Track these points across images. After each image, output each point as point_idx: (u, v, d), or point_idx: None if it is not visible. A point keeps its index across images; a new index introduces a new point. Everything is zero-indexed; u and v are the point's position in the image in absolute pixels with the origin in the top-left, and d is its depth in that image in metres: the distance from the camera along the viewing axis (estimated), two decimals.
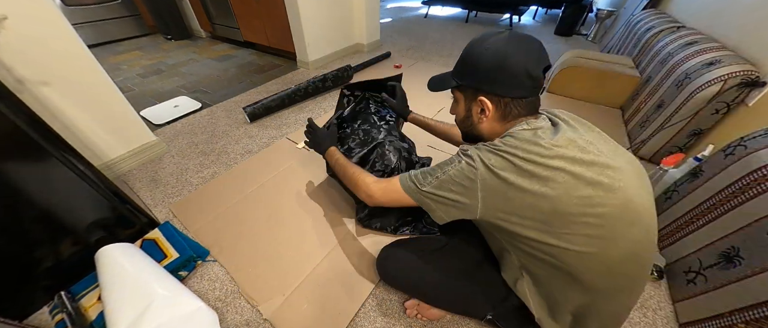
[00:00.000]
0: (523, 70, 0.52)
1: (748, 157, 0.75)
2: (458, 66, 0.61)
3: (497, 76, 0.54)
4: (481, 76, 0.56)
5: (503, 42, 0.53)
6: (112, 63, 2.56)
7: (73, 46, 1.07)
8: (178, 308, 0.76)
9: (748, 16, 1.27)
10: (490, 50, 0.53)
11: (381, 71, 2.34)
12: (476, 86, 0.58)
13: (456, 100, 0.65)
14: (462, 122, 0.66)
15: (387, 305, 0.88)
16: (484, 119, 0.59)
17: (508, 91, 0.54)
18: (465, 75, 0.59)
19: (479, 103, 0.58)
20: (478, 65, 0.56)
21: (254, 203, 1.20)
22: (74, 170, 0.83)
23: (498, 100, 0.56)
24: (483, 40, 0.56)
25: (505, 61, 0.52)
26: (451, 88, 0.64)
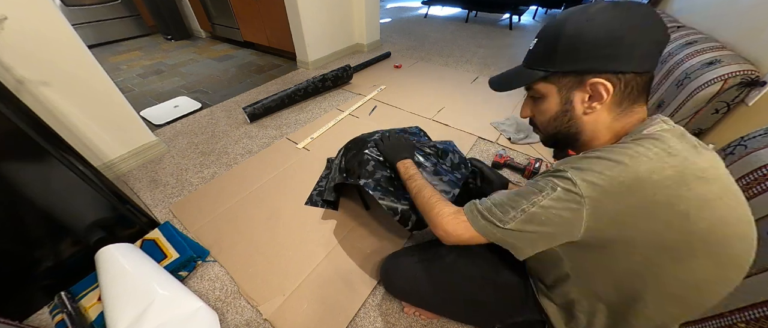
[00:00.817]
0: (649, 34, 0.41)
1: (747, 156, 0.75)
2: (544, 51, 0.48)
3: (617, 47, 0.41)
4: (590, 53, 0.43)
5: (610, 8, 0.42)
6: (112, 63, 2.56)
7: (73, 47, 1.07)
8: (178, 308, 0.76)
9: (748, 15, 1.27)
10: (598, 21, 0.42)
11: (381, 71, 2.34)
12: (584, 68, 0.44)
13: (540, 96, 0.51)
14: (553, 120, 0.51)
15: (387, 305, 0.88)
16: (596, 108, 0.46)
17: (632, 65, 0.42)
18: (562, 58, 0.46)
19: (588, 88, 0.45)
20: (584, 40, 0.43)
21: (254, 203, 1.20)
22: (74, 170, 0.83)
23: (617, 78, 0.43)
24: (578, 12, 0.44)
25: (622, 30, 0.41)
26: (534, 83, 0.50)
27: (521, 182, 1.26)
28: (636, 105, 0.46)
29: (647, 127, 0.43)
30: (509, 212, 0.48)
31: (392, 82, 2.16)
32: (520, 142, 1.49)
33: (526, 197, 0.46)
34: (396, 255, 0.83)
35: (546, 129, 0.54)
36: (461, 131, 1.60)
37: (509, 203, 0.48)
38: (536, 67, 0.49)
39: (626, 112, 0.46)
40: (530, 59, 0.51)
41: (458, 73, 2.30)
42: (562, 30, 0.45)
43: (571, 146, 0.54)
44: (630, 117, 0.46)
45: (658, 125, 0.43)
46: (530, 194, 0.46)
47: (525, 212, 0.46)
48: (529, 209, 0.45)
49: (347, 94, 2.01)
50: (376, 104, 1.87)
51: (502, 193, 0.52)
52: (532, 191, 0.46)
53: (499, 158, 1.33)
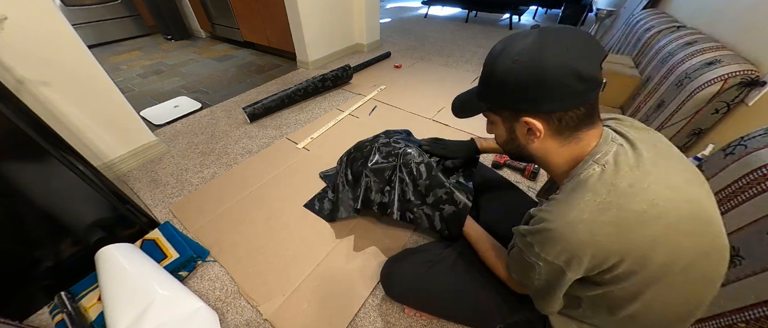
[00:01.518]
0: (571, 73, 0.40)
1: (748, 156, 0.75)
2: (484, 85, 0.50)
3: (538, 91, 0.42)
4: (516, 95, 0.44)
5: (535, 47, 0.41)
6: (112, 63, 2.56)
7: (73, 47, 1.07)
8: (178, 308, 0.76)
9: (748, 15, 1.27)
10: (521, 62, 0.42)
11: (381, 71, 2.34)
12: (513, 107, 0.46)
13: (491, 122, 0.54)
14: (506, 144, 0.54)
15: (387, 305, 0.88)
16: (535, 140, 0.47)
17: (557, 106, 0.42)
18: (496, 96, 0.48)
19: (523, 124, 0.46)
20: (509, 83, 0.44)
21: (254, 203, 1.20)
22: (74, 170, 0.83)
23: (548, 116, 0.44)
24: (506, 49, 0.44)
25: (544, 72, 0.40)
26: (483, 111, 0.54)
27: (521, 183, 1.26)
28: (580, 132, 0.45)
29: (582, 170, 0.44)
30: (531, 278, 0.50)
31: (392, 82, 2.16)
32: None
33: (529, 269, 0.49)
34: (396, 259, 0.83)
35: (505, 150, 0.57)
36: (461, 131, 1.60)
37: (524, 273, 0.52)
38: (481, 99, 0.53)
39: (571, 139, 0.46)
40: (478, 88, 0.53)
41: (458, 73, 2.30)
42: (492, 69, 0.46)
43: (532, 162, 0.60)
44: (577, 143, 0.46)
45: (590, 168, 0.44)
46: (530, 267, 0.49)
47: (539, 280, 0.49)
48: (540, 277, 0.48)
49: (347, 94, 2.01)
50: (376, 104, 1.87)
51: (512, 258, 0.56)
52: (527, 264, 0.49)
53: (499, 158, 1.33)
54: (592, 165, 0.44)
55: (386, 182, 0.95)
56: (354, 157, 1.07)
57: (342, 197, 1.06)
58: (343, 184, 1.07)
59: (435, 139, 1.04)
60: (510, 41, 0.45)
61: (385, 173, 0.95)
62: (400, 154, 0.94)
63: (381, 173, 0.96)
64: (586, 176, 0.43)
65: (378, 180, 0.96)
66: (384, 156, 0.98)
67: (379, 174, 0.96)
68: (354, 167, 1.06)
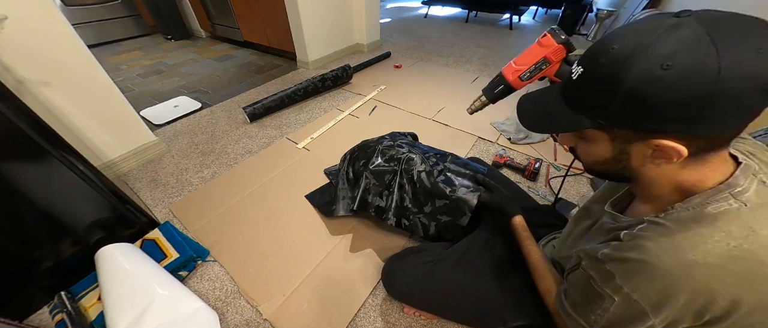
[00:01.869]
0: (758, 86, 0.28)
1: None
2: (595, 97, 0.35)
3: (703, 109, 0.29)
4: (665, 115, 0.31)
5: (700, 45, 0.28)
6: (112, 63, 2.56)
7: (73, 47, 1.07)
8: (178, 308, 0.76)
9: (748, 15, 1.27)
10: (680, 68, 0.28)
11: (381, 71, 2.34)
12: (649, 128, 0.33)
13: (588, 139, 0.40)
14: (601, 165, 0.42)
15: (387, 305, 0.88)
16: (660, 165, 0.36)
17: (720, 126, 0.31)
18: (618, 113, 0.34)
19: (652, 146, 0.34)
20: (653, 99, 0.30)
21: (254, 203, 1.20)
22: (74, 170, 0.83)
23: (696, 138, 0.32)
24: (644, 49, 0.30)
25: (719, 84, 0.27)
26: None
27: (521, 183, 1.26)
28: (711, 156, 0.35)
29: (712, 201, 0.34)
30: (590, 316, 0.42)
31: (392, 82, 2.16)
32: (520, 142, 1.49)
33: (595, 300, 0.41)
34: (397, 258, 0.83)
35: (589, 166, 0.44)
36: (461, 131, 1.60)
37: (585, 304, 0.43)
38: (582, 113, 0.37)
39: (698, 164, 0.35)
40: (574, 97, 0.38)
41: (458, 73, 2.30)
42: (622, 78, 0.31)
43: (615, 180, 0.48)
44: (702, 171, 0.36)
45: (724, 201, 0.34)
46: (596, 298, 0.40)
47: (603, 318, 0.40)
48: (605, 315, 0.40)
49: (347, 94, 2.01)
50: (376, 104, 1.87)
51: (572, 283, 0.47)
52: (595, 295, 0.40)
53: (499, 158, 1.33)
54: (728, 199, 0.34)
55: (385, 187, 0.96)
56: (356, 157, 1.08)
57: (341, 194, 1.06)
58: (344, 181, 1.08)
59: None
60: (646, 37, 0.30)
61: (385, 176, 0.95)
62: (403, 159, 0.94)
63: (381, 176, 0.96)
64: (718, 210, 0.34)
65: (377, 183, 0.96)
66: (387, 159, 0.97)
67: (379, 177, 0.96)
68: (356, 166, 1.06)
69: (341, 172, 1.11)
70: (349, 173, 1.08)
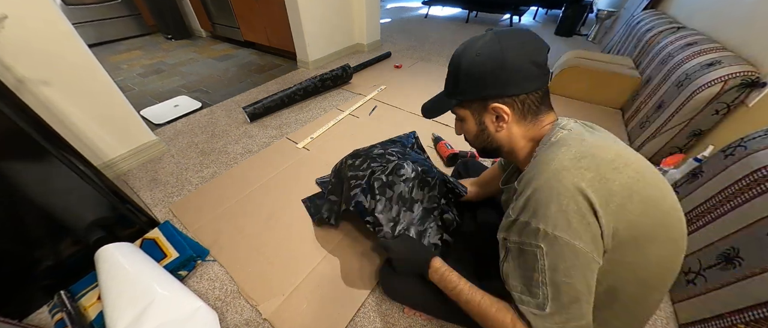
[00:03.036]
0: (527, 60, 0.48)
1: (747, 157, 0.75)
2: (452, 82, 0.56)
3: (502, 76, 0.48)
4: (484, 82, 0.50)
5: (493, 41, 0.49)
6: (113, 62, 2.56)
7: (74, 46, 1.07)
8: (177, 307, 0.76)
9: (748, 16, 1.27)
10: (484, 54, 0.49)
11: (381, 71, 2.34)
12: (482, 95, 0.52)
13: (461, 119, 0.59)
14: (476, 138, 0.59)
15: (386, 305, 0.88)
16: (504, 126, 0.53)
17: (519, 88, 0.49)
18: (464, 89, 0.54)
19: (492, 111, 0.52)
20: (475, 74, 0.51)
21: (254, 202, 1.20)
22: (74, 169, 0.83)
23: (512, 101, 0.50)
24: (469, 48, 0.52)
25: (504, 60, 0.48)
26: (453, 108, 0.59)
27: None
28: (541, 115, 0.52)
29: (553, 135, 0.49)
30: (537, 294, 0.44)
31: (392, 82, 2.16)
32: None
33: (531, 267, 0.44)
34: None
35: (474, 145, 0.61)
36: None
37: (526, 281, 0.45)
38: (450, 96, 0.58)
39: (534, 122, 0.52)
40: (446, 88, 0.59)
41: None
42: (459, 65, 0.52)
43: (498, 155, 0.61)
44: (539, 125, 0.53)
45: (558, 132, 0.49)
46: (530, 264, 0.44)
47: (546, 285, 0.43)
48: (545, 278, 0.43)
49: (347, 94, 2.01)
50: (377, 104, 1.87)
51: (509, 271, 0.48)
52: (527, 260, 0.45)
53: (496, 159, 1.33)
54: (560, 131, 0.49)
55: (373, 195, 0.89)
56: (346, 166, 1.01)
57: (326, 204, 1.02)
58: (332, 192, 1.03)
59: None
60: (468, 43, 0.53)
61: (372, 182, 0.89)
62: (393, 167, 0.90)
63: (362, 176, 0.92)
64: (556, 137, 0.48)
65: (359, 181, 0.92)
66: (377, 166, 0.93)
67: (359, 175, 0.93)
68: (343, 175, 0.99)
69: (331, 181, 1.06)
70: (338, 183, 1.02)
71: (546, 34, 3.37)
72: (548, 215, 0.42)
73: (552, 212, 0.42)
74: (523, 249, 0.46)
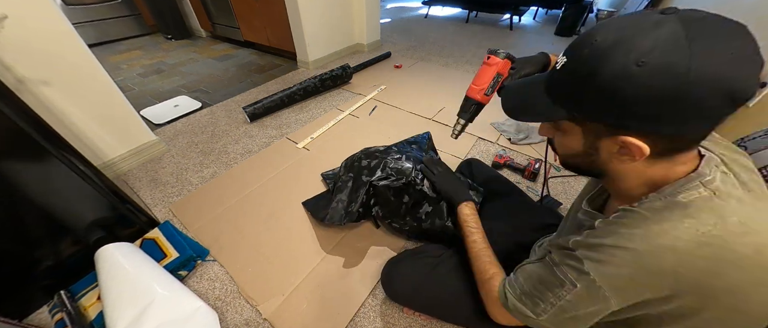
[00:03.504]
0: (724, 91, 0.28)
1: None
2: (573, 87, 0.36)
3: (671, 109, 0.30)
4: (631, 110, 0.32)
5: (678, 45, 0.28)
6: (113, 62, 2.56)
7: (74, 46, 1.07)
8: (177, 307, 0.76)
9: (749, 16, 1.27)
10: (652, 66, 0.29)
11: (381, 71, 2.34)
12: (618, 123, 0.34)
13: (562, 130, 0.42)
14: (574, 157, 0.43)
15: (386, 305, 0.88)
16: (626, 162, 0.37)
17: (685, 128, 0.32)
18: (591, 106, 0.35)
19: (619, 142, 0.35)
20: (625, 94, 0.31)
21: (254, 202, 1.20)
22: (74, 169, 0.83)
23: (661, 138, 0.33)
24: (625, 43, 0.31)
25: (688, 85, 0.28)
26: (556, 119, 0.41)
27: (521, 183, 1.26)
28: (681, 155, 0.36)
29: (683, 190, 0.35)
30: (539, 305, 0.43)
31: (392, 82, 2.16)
32: (520, 142, 1.49)
33: (550, 288, 0.42)
34: (396, 261, 0.83)
35: (565, 160, 0.46)
36: (464, 133, 1.59)
37: (536, 293, 0.44)
38: (559, 102, 0.39)
39: (668, 162, 0.37)
40: (554, 86, 0.40)
41: (458, 73, 2.30)
42: (598, 70, 0.32)
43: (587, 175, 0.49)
44: (670, 167, 0.37)
45: (693, 190, 0.35)
46: (553, 286, 0.41)
47: (554, 306, 0.41)
48: (557, 302, 0.41)
49: (347, 94, 2.01)
50: (376, 104, 1.87)
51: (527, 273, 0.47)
52: (553, 282, 0.41)
53: (499, 159, 1.33)
54: (698, 187, 0.35)
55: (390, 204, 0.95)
56: (359, 165, 1.02)
57: (335, 203, 1.01)
58: (342, 189, 1.03)
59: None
60: (629, 30, 0.31)
61: (389, 192, 0.93)
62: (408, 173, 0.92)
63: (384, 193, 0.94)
64: (689, 198, 0.34)
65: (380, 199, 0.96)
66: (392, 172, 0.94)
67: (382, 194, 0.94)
68: (357, 176, 1.01)
69: (340, 177, 1.07)
70: (349, 181, 1.03)
71: (546, 35, 3.37)
72: (609, 276, 0.36)
73: (618, 275, 0.36)
74: (556, 271, 0.41)
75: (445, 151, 1.45)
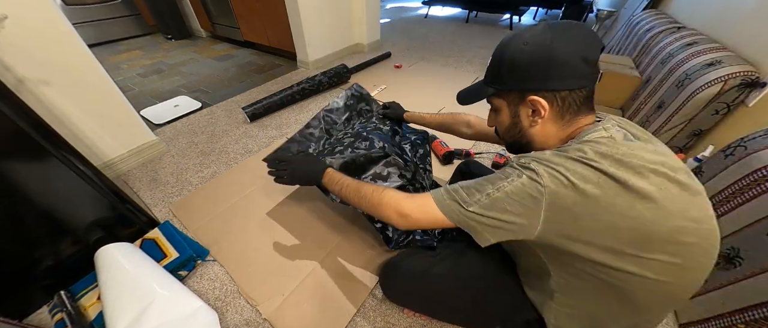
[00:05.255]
0: (576, 54, 0.45)
1: (748, 157, 0.75)
2: (493, 70, 0.54)
3: (547, 69, 0.46)
4: (526, 74, 0.48)
5: (544, 32, 0.46)
6: (113, 63, 2.56)
7: (74, 46, 1.07)
8: (177, 307, 0.76)
9: (749, 16, 1.27)
10: (531, 44, 0.47)
11: (381, 71, 2.34)
12: (522, 87, 0.50)
13: (496, 109, 0.57)
14: (508, 131, 0.57)
15: (386, 305, 0.88)
16: (539, 121, 0.51)
17: (563, 84, 0.46)
18: (505, 78, 0.51)
19: (529, 104, 0.50)
20: (520, 63, 0.48)
21: (254, 202, 1.20)
22: (74, 169, 0.83)
23: (553, 96, 0.48)
24: (518, 36, 0.49)
25: (552, 51, 0.45)
26: (489, 98, 0.57)
27: None
28: (580, 116, 0.49)
29: (589, 132, 0.46)
30: (474, 195, 0.49)
31: (392, 82, 2.16)
32: None
33: (493, 182, 0.49)
34: (394, 262, 0.82)
35: (504, 138, 0.60)
36: None
37: (476, 186, 0.50)
38: (489, 84, 0.55)
39: (570, 122, 0.50)
40: (486, 76, 0.56)
41: (458, 73, 2.30)
42: (505, 52, 0.50)
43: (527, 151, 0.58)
44: (575, 126, 0.50)
45: (597, 132, 0.46)
46: (497, 180, 0.49)
47: (489, 197, 0.48)
48: (494, 194, 0.47)
49: None
50: None
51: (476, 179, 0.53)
52: (498, 177, 0.49)
53: (499, 159, 1.33)
54: (600, 130, 0.46)
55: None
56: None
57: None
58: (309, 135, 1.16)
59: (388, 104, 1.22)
60: (518, 31, 0.50)
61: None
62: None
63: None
64: (592, 135, 0.45)
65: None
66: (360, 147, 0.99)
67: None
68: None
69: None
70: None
71: None
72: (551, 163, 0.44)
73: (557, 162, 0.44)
74: (505, 170, 0.49)
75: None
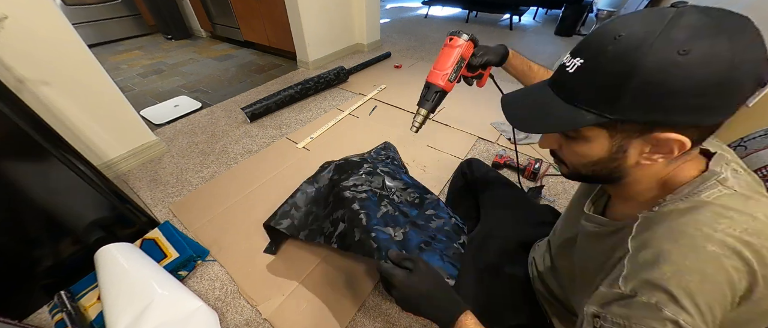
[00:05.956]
0: (756, 74, 0.29)
1: (747, 157, 0.75)
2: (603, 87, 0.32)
3: (715, 98, 0.29)
4: (678, 104, 0.30)
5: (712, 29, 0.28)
6: (113, 63, 2.56)
7: (74, 46, 1.07)
8: (177, 307, 0.77)
9: (748, 16, 1.27)
10: (696, 55, 0.27)
11: (381, 71, 2.34)
12: (658, 120, 0.31)
13: (582, 138, 0.37)
14: (593, 165, 0.38)
15: (387, 305, 0.88)
16: (656, 161, 0.34)
17: (722, 114, 0.30)
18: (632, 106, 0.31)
19: (653, 140, 0.33)
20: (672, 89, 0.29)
21: (254, 202, 1.20)
22: (74, 169, 0.83)
23: (696, 130, 0.32)
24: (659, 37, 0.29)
25: (734, 71, 0.28)
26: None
27: (521, 183, 1.26)
28: (697, 147, 0.34)
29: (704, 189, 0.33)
30: None
31: (392, 82, 2.16)
32: (520, 142, 1.49)
33: None
34: None
35: (577, 169, 0.41)
36: (461, 131, 1.60)
37: None
38: (585, 107, 0.34)
39: (679, 159, 0.35)
40: (573, 92, 0.35)
41: None
42: (638, 65, 0.29)
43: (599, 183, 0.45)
44: (681, 165, 0.36)
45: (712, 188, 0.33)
46: None
47: None
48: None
49: (347, 93, 2.01)
50: (377, 104, 1.87)
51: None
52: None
53: (499, 159, 1.33)
54: (717, 185, 0.33)
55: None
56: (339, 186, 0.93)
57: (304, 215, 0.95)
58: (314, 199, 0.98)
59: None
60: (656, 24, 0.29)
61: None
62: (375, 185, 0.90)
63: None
64: (712, 197, 0.33)
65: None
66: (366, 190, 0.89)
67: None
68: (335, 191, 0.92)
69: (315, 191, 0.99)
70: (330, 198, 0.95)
71: (546, 35, 3.37)
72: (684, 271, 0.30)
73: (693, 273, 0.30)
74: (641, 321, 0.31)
75: (444, 151, 1.45)
